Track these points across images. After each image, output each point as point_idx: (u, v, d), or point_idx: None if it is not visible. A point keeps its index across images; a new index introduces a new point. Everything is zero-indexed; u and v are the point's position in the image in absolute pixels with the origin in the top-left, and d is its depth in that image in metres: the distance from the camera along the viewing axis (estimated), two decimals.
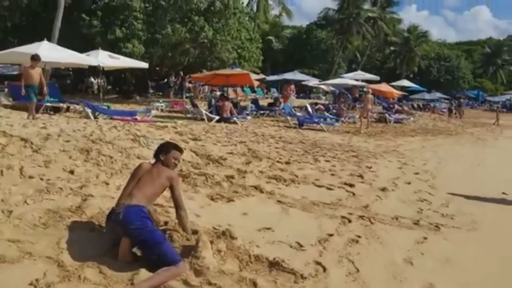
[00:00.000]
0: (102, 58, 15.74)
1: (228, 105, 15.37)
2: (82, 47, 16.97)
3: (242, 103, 20.19)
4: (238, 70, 21.64)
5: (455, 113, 31.69)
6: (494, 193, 7.67)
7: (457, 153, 12.86)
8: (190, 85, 26.50)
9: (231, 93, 23.03)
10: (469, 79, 54.85)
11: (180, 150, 4.11)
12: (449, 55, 54.22)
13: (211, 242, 3.62)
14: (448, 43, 72.02)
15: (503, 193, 7.66)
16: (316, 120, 16.25)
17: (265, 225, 4.47)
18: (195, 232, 3.81)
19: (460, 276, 3.96)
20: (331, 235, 4.43)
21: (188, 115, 15.44)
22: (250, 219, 4.69)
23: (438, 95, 44.19)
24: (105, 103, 15.27)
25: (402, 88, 34.75)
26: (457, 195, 7.02)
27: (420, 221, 5.32)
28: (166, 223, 4.09)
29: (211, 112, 14.76)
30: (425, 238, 4.75)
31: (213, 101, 16.24)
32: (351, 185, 6.75)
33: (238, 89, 28.01)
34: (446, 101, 42.51)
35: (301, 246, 4.04)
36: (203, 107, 15.79)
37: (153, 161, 4.11)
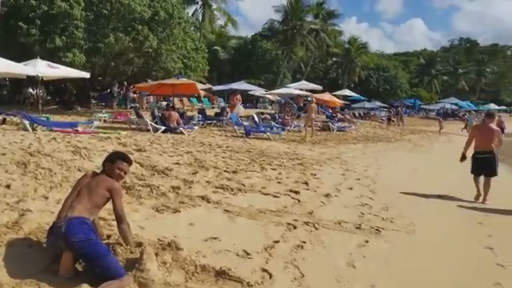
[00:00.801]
0: (41, 68, 15.09)
1: (175, 115, 15.21)
2: (20, 57, 16.19)
3: (188, 113, 20.05)
4: (184, 80, 21.49)
5: (394, 121, 33.17)
6: (430, 196, 8.13)
7: (396, 159, 13.48)
8: (135, 95, 25.97)
9: (177, 103, 22.82)
10: (406, 89, 57.66)
11: (128, 161, 3.96)
12: (387, 65, 56.81)
13: (156, 254, 3.58)
14: (386, 54, 75.68)
15: (439, 195, 8.13)
16: (263, 129, 16.45)
17: (212, 235, 4.47)
18: (139, 244, 3.73)
19: (399, 277, 4.15)
20: (277, 242, 4.50)
21: (133, 126, 15.11)
22: (196, 230, 4.67)
23: (377, 104, 46.10)
24: (44, 115, 14.64)
25: (344, 98, 35.96)
26: (396, 199, 7.37)
27: (362, 225, 5.53)
28: (108, 236, 3.98)
29: (156, 123, 14.54)
30: (367, 242, 4.95)
31: (156, 111, 16.00)
32: (297, 192, 6.89)
33: (184, 99, 27.80)
34: (385, 109, 44.45)
35: (247, 254, 4.07)
36: (148, 117, 15.52)
37: (99, 170, 4.00)
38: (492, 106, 62.89)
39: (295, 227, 5.04)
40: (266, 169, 8.71)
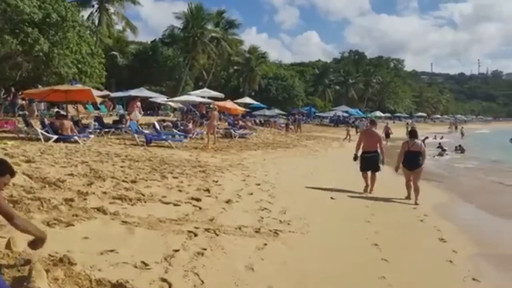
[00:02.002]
0: None
1: (68, 123, 14.35)
2: None
3: (84, 121, 19.00)
4: (78, 86, 20.36)
5: (292, 128, 34.67)
6: (324, 198, 8.67)
7: (293, 164, 14.13)
8: (24, 102, 23.95)
9: (71, 110, 21.48)
10: (302, 97, 60.65)
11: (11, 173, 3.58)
12: (285, 75, 59.29)
13: (47, 271, 3.36)
14: (284, 64, 78.84)
15: (331, 197, 8.71)
16: (164, 137, 16.18)
17: (108, 248, 4.30)
18: (27, 262, 3.47)
19: (295, 277, 4.38)
20: (177, 250, 4.47)
21: (21, 135, 13.94)
22: (91, 243, 4.46)
23: (277, 111, 47.87)
24: None
25: (245, 105, 36.73)
26: (293, 202, 7.74)
27: (261, 229, 5.72)
28: None
29: (47, 132, 13.57)
30: (265, 244, 5.13)
31: (45, 120, 14.95)
32: (198, 200, 6.90)
33: (80, 106, 26.30)
34: (283, 117, 46.29)
35: (146, 265, 3.99)
36: (38, 126, 14.42)
37: None
38: (378, 113, 68.76)
39: (195, 235, 5.05)
40: (167, 178, 8.59)
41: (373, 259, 5.16)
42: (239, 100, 36.72)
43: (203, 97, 29.20)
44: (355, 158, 10.09)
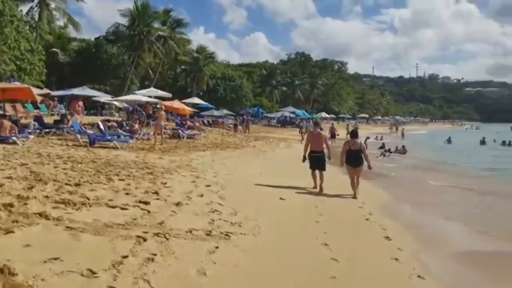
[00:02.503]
0: None
1: (8, 123, 13.57)
2: None
3: (23, 121, 18.01)
4: (16, 84, 19.27)
5: (240, 128, 34.71)
6: (274, 198, 8.73)
7: (243, 165, 14.13)
8: None
9: (9, 110, 20.28)
10: (250, 98, 60.94)
11: None
12: (233, 75, 59.30)
13: None
14: (232, 64, 78.87)
15: (281, 198, 8.80)
16: (109, 137, 15.65)
17: (52, 255, 4.08)
18: None
19: (247, 280, 4.37)
20: (125, 256, 4.33)
21: None
22: (34, 251, 4.22)
23: (225, 111, 47.78)
24: None
25: (193, 105, 36.35)
26: (244, 203, 7.73)
27: (212, 232, 5.67)
28: None
29: None
30: (217, 248, 5.08)
31: None
32: (146, 203, 6.73)
33: (18, 105, 24.90)
34: (232, 117, 46.27)
35: (93, 273, 3.83)
36: None
37: None
38: (324, 114, 70.46)
39: (145, 240, 4.92)
40: (113, 180, 8.30)
41: (324, 259, 5.25)
42: (187, 100, 36.27)
43: (150, 96, 28.50)
44: (304, 160, 10.56)
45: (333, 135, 28.99)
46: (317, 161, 10.31)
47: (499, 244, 7.12)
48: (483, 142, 38.92)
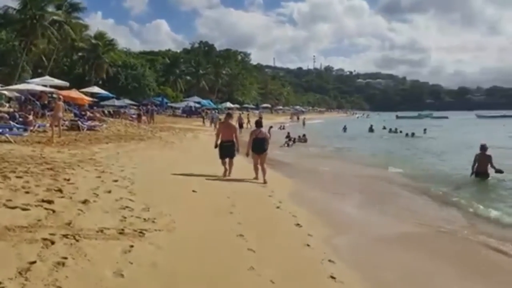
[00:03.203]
0: None
1: None
2: None
3: None
4: None
5: (145, 119, 33.64)
6: (186, 191, 8.62)
7: (150, 157, 13.75)
8: None
9: None
10: (153, 87, 59.05)
11: None
12: (135, 63, 56.99)
13: None
14: (133, 52, 75.66)
15: (193, 190, 8.71)
16: (0, 130, 14.24)
17: None
18: None
19: (166, 277, 4.27)
20: (33, 262, 3.98)
21: None
22: None
23: (127, 101, 45.86)
24: None
25: (92, 95, 34.42)
26: (156, 198, 7.52)
27: (125, 230, 5.44)
28: None
29: None
30: (132, 246, 4.88)
31: None
32: (50, 202, 6.23)
33: None
34: (135, 107, 44.60)
35: None
36: None
37: None
38: (229, 104, 71.01)
39: (53, 242, 4.57)
40: (9, 178, 7.57)
41: (240, 250, 5.31)
42: (86, 89, 34.25)
43: (45, 85, 26.34)
44: (216, 146, 11.26)
45: (240, 125, 29.39)
46: (227, 150, 11.00)
47: (403, 226, 7.77)
48: (371, 129, 42.43)
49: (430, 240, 6.96)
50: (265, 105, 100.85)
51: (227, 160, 11.02)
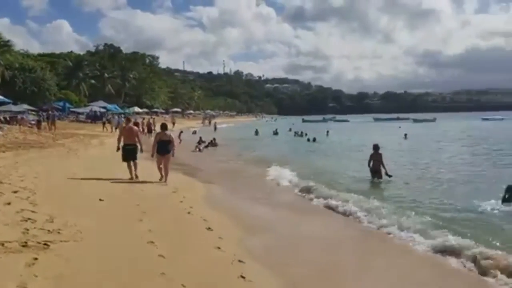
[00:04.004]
0: None
1: None
2: None
3: None
4: None
5: (45, 125, 31.60)
6: (93, 199, 8.40)
7: (53, 166, 13.10)
8: None
9: None
10: (54, 91, 55.41)
11: None
12: (34, 66, 53.09)
13: None
14: (32, 54, 70.34)
15: (100, 199, 8.52)
16: None
17: None
18: None
19: None
20: None
21: None
22: None
23: (25, 107, 42.62)
24: None
25: None
26: (60, 208, 7.26)
27: (28, 242, 5.24)
28: None
29: None
30: (36, 259, 4.73)
31: None
32: None
33: None
34: (34, 113, 41.62)
35: None
36: None
37: None
38: (136, 109, 69.07)
39: None
40: None
41: (151, 257, 5.32)
42: None
43: None
44: (118, 149, 11.74)
45: (149, 130, 28.87)
46: (130, 153, 11.46)
47: (312, 224, 8.30)
48: (275, 133, 44.39)
49: (336, 237, 7.53)
50: (175, 109, 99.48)
51: (131, 162, 11.42)
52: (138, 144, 11.69)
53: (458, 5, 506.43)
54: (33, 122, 32.31)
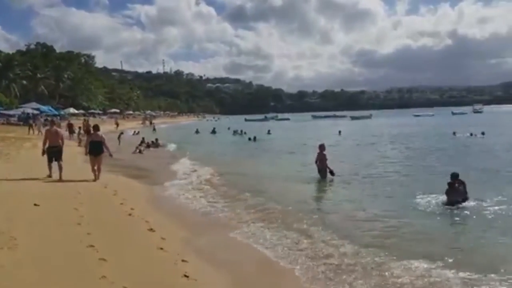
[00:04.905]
0: None
1: None
2: None
3: None
4: None
5: None
6: (27, 205, 8.06)
7: None
8: None
9: None
10: None
11: None
12: None
13: None
14: None
15: (35, 204, 8.20)
16: None
17: None
18: None
19: None
20: None
21: None
22: None
23: None
24: None
25: None
26: None
27: None
28: None
29: None
30: None
31: None
32: None
33: None
34: None
35: None
36: None
37: None
38: (72, 110, 66.32)
39: None
40: None
41: (91, 261, 5.24)
42: None
43: None
44: (43, 153, 11.94)
45: (87, 131, 27.85)
46: (54, 154, 11.75)
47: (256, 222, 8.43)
48: (213, 131, 44.67)
49: (281, 234, 7.71)
50: (113, 110, 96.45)
51: (56, 163, 11.66)
52: (61, 146, 12.01)
53: (390, 6, 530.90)
54: None
